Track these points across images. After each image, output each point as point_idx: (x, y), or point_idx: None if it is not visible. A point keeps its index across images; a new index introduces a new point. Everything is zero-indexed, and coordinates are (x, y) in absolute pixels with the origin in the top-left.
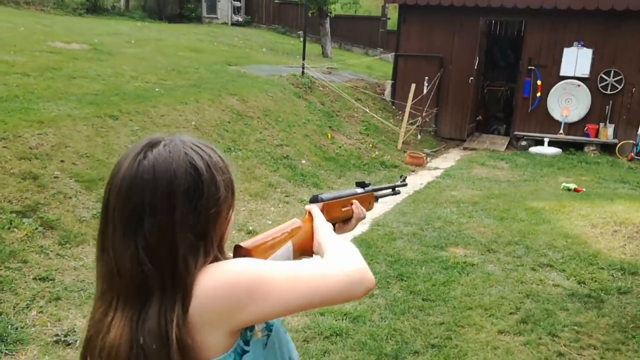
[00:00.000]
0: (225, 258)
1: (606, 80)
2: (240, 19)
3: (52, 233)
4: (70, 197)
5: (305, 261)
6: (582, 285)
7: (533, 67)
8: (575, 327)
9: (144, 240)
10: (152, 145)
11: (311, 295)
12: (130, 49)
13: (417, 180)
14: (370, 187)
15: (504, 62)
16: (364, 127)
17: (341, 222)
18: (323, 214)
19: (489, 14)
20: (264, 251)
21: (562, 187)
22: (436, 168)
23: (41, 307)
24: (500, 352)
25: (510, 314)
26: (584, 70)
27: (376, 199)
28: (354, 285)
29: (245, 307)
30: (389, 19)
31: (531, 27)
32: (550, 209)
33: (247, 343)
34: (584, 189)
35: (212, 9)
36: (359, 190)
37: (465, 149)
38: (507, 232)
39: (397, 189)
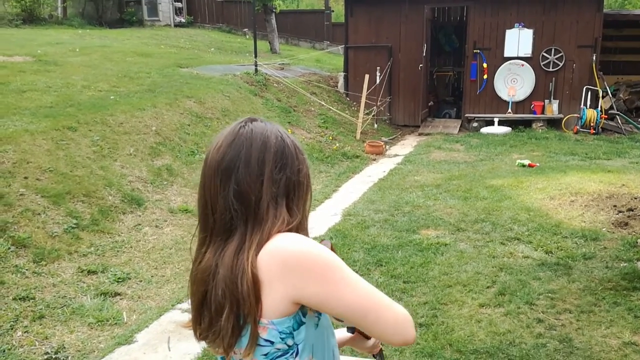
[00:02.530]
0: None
1: (548, 58)
2: (183, 20)
3: (26, 251)
4: (39, 214)
5: (378, 292)
6: (550, 254)
7: (478, 51)
8: (550, 294)
9: (236, 184)
10: (251, 120)
11: (368, 308)
12: (77, 58)
13: (379, 168)
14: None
15: (450, 47)
16: (322, 120)
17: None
18: None
19: (432, 1)
20: None
21: (516, 163)
22: (396, 155)
23: (26, 326)
24: (484, 324)
25: (488, 287)
26: (527, 50)
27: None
28: (404, 324)
29: (316, 282)
30: (333, 11)
31: (473, 12)
32: (509, 185)
33: (304, 315)
34: (538, 164)
35: (153, 11)
36: None
37: (420, 134)
38: (472, 210)
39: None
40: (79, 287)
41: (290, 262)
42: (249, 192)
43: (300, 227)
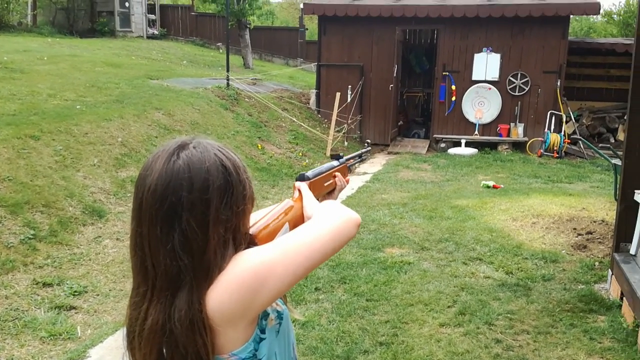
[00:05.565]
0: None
1: (514, 82)
2: (156, 32)
3: None
4: None
5: (295, 231)
6: (510, 275)
7: (447, 73)
8: (509, 315)
9: (181, 235)
10: (182, 147)
11: (311, 258)
12: (44, 66)
13: (348, 186)
14: (344, 158)
15: (420, 69)
16: (293, 136)
17: (326, 194)
18: (310, 190)
19: (404, 23)
20: (267, 235)
21: (481, 184)
22: (365, 173)
23: None
24: (443, 344)
25: (449, 307)
26: (494, 74)
27: (349, 168)
28: (343, 230)
29: (259, 294)
30: (307, 29)
31: (443, 35)
32: (473, 206)
33: (263, 331)
34: (502, 186)
35: (126, 22)
36: (335, 162)
37: (389, 153)
38: (437, 230)
39: (362, 155)
40: (32, 300)
41: (229, 304)
42: (195, 242)
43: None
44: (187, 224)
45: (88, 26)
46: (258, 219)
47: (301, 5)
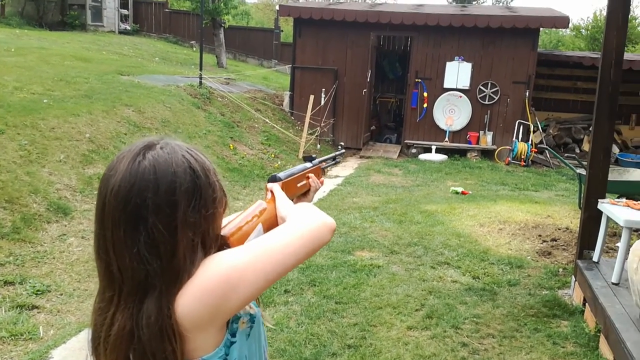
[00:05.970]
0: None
1: (484, 91)
2: (128, 28)
3: None
4: None
5: (269, 233)
6: (477, 280)
7: (419, 80)
8: (475, 319)
9: (147, 238)
10: (148, 147)
11: (284, 262)
12: (11, 58)
13: (320, 189)
14: (317, 160)
15: (393, 75)
16: (265, 138)
17: (300, 195)
18: (283, 191)
19: (378, 29)
20: (240, 237)
21: (450, 190)
22: (337, 176)
23: None
24: (410, 347)
25: (416, 310)
26: (465, 82)
27: (323, 170)
28: (316, 235)
29: (229, 299)
30: (282, 31)
31: (417, 43)
32: (442, 211)
33: (233, 335)
34: (470, 192)
35: (98, 16)
36: (309, 164)
37: (361, 157)
38: (406, 234)
39: (336, 158)
40: None
41: (198, 309)
42: (163, 246)
43: (214, 245)
44: (154, 226)
45: (58, 19)
46: (230, 220)
47: (277, 7)
